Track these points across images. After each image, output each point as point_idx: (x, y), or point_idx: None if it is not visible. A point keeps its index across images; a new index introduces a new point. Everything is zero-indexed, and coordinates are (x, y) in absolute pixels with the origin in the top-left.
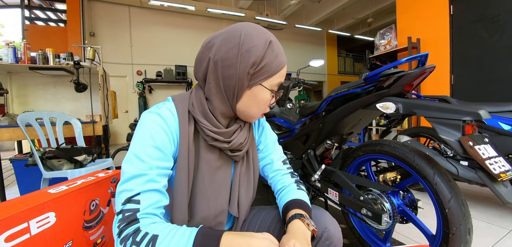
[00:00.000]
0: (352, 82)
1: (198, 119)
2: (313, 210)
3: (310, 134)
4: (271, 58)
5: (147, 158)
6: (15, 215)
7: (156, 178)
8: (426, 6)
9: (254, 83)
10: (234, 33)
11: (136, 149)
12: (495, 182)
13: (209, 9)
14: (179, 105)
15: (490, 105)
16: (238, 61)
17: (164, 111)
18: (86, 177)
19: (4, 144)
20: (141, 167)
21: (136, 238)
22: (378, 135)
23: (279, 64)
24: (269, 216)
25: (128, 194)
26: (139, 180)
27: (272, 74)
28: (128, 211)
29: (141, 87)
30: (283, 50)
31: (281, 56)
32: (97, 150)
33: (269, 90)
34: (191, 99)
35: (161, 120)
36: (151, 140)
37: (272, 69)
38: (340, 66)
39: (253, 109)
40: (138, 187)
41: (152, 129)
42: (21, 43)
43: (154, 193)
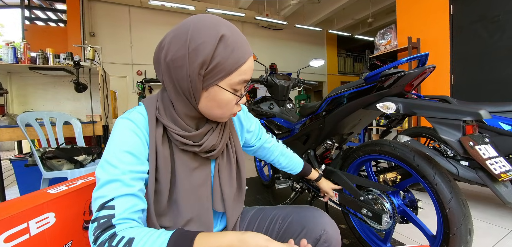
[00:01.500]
0: (352, 82)
1: (165, 124)
2: (310, 210)
3: (310, 134)
4: (225, 55)
5: (119, 163)
6: (15, 215)
7: (130, 182)
8: (426, 6)
9: (210, 85)
10: (182, 29)
11: (108, 155)
12: (495, 182)
13: (209, 9)
14: (148, 108)
15: (490, 105)
16: (187, 62)
17: (135, 115)
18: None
19: (4, 144)
20: (113, 173)
21: (112, 242)
22: (378, 135)
23: (237, 60)
24: (267, 215)
25: (102, 200)
26: (112, 186)
27: (228, 73)
28: (103, 217)
29: (141, 87)
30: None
31: (239, 50)
32: (97, 150)
33: (228, 90)
34: (157, 104)
35: (131, 124)
36: (122, 145)
37: (228, 67)
38: (340, 66)
39: (215, 111)
40: (112, 193)
41: (122, 134)
42: (21, 43)
43: (129, 197)
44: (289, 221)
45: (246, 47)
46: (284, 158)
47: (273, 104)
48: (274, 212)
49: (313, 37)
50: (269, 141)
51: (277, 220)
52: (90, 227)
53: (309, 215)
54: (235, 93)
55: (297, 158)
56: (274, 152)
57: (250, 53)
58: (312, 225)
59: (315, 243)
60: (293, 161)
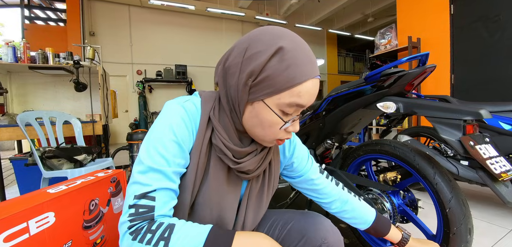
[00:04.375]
0: (352, 82)
1: (215, 125)
2: (311, 217)
3: (310, 134)
4: (278, 70)
5: (166, 152)
6: (15, 215)
7: (173, 177)
8: (426, 6)
9: (255, 98)
10: (247, 37)
11: (156, 142)
12: (496, 181)
13: (209, 9)
14: (204, 104)
15: (490, 104)
16: (239, 69)
17: (189, 105)
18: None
19: (4, 143)
20: (159, 162)
21: (152, 227)
22: (378, 134)
23: (292, 79)
24: (268, 219)
25: (144, 188)
26: (157, 176)
27: (278, 90)
28: (142, 206)
29: (141, 86)
30: None
31: (296, 68)
32: (97, 150)
33: (273, 110)
34: (214, 103)
35: (184, 113)
36: (172, 134)
37: (279, 83)
38: (340, 65)
39: (257, 130)
40: (155, 183)
41: (174, 121)
42: (20, 42)
43: (169, 192)
44: (289, 228)
45: (308, 67)
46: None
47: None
48: (274, 217)
49: (313, 37)
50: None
51: (276, 225)
52: (125, 212)
53: (309, 223)
54: (283, 116)
55: (365, 207)
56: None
57: (313, 75)
58: (312, 234)
59: None
60: (355, 209)
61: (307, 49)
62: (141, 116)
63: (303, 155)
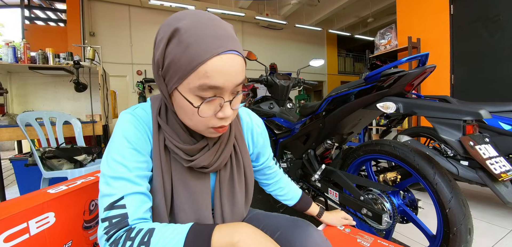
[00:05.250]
0: (352, 82)
1: (163, 127)
2: (300, 227)
3: (310, 134)
4: (177, 53)
5: (124, 160)
6: (15, 215)
7: (138, 180)
8: (426, 6)
9: (171, 89)
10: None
11: (113, 151)
12: (495, 182)
13: (209, 9)
14: (153, 106)
15: (490, 105)
16: (153, 61)
17: (139, 111)
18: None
19: (4, 144)
20: (120, 170)
21: (131, 234)
22: (378, 135)
23: (192, 59)
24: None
25: (110, 199)
26: (120, 184)
27: (184, 75)
28: (115, 217)
29: (141, 87)
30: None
31: (196, 47)
32: (97, 150)
33: (186, 98)
34: (161, 103)
35: (134, 120)
36: (126, 142)
37: (181, 67)
38: (340, 66)
39: (186, 121)
40: (120, 191)
41: (125, 129)
42: (21, 42)
43: (138, 196)
44: (278, 236)
45: (211, 43)
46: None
47: (273, 104)
48: (266, 222)
49: (313, 37)
50: (272, 166)
51: (266, 231)
52: (100, 227)
53: (297, 233)
54: (201, 100)
55: (295, 188)
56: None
57: (218, 50)
58: (300, 243)
59: None
60: (290, 191)
61: (213, 24)
62: None
63: (267, 144)
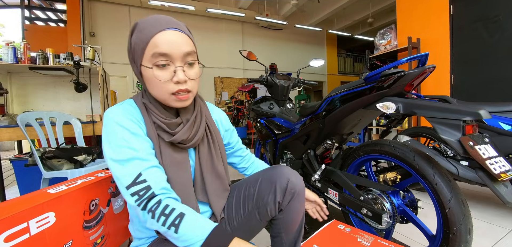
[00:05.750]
0: (352, 82)
1: (148, 106)
2: (275, 168)
3: (310, 134)
4: (138, 38)
5: (129, 144)
6: (15, 215)
7: (147, 156)
8: (426, 6)
9: (139, 64)
10: None
11: (116, 140)
12: (495, 182)
13: (209, 9)
14: (136, 98)
15: (490, 105)
16: (128, 53)
17: (125, 106)
18: (86, 177)
19: (4, 144)
20: (129, 153)
21: (165, 211)
22: (378, 135)
23: (147, 36)
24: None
25: (130, 178)
26: (133, 163)
27: (142, 50)
28: (140, 190)
29: (141, 87)
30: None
31: (149, 28)
32: (97, 150)
33: (147, 66)
34: (142, 91)
35: (125, 111)
36: (124, 129)
37: (140, 45)
38: (340, 66)
39: (155, 92)
40: (136, 169)
41: (120, 120)
42: (21, 43)
43: (153, 169)
44: (260, 181)
45: (158, 24)
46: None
47: (273, 104)
48: (246, 181)
49: (313, 37)
50: (244, 150)
51: (249, 186)
52: (131, 201)
53: (274, 172)
54: (159, 69)
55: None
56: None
57: (163, 27)
58: (279, 178)
59: (284, 192)
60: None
61: (161, 16)
62: None
63: (233, 129)
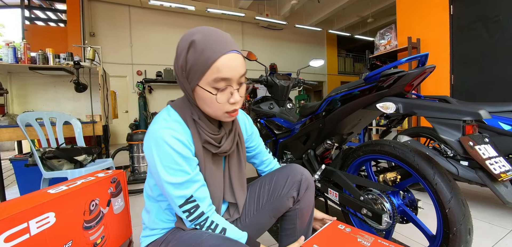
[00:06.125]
0: (352, 82)
1: (200, 124)
2: (289, 166)
3: (310, 134)
4: (195, 58)
5: (182, 167)
6: (15, 215)
7: (197, 177)
8: (426, 6)
9: (194, 85)
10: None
11: (169, 163)
12: (495, 182)
13: (209, 9)
14: (182, 112)
15: (490, 105)
16: (177, 69)
17: (174, 124)
18: (86, 177)
19: (4, 144)
20: (182, 176)
21: (211, 226)
22: (378, 135)
23: (208, 59)
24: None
25: (183, 199)
26: (186, 186)
27: (202, 73)
28: (191, 208)
29: (141, 87)
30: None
31: (209, 50)
32: (97, 150)
33: (206, 89)
34: (185, 106)
35: (176, 132)
36: (176, 153)
37: (199, 67)
38: (340, 66)
39: (206, 109)
40: (189, 191)
41: (172, 144)
42: (21, 43)
43: (202, 188)
44: (275, 178)
45: (219, 46)
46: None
47: (273, 104)
48: (261, 180)
49: (313, 37)
50: (266, 154)
51: (265, 183)
52: (179, 212)
53: (289, 169)
54: (217, 92)
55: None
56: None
57: (224, 51)
58: (293, 173)
59: (299, 184)
60: None
61: (219, 34)
62: (141, 117)
63: (257, 133)
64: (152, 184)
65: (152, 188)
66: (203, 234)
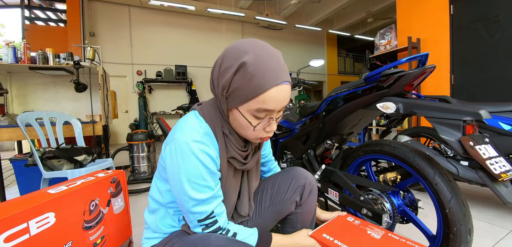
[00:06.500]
0: (352, 82)
1: (229, 138)
2: (293, 169)
3: (310, 134)
4: (243, 82)
5: (208, 182)
6: (15, 215)
7: (218, 192)
8: (426, 6)
9: (232, 107)
10: (223, 51)
11: (196, 178)
12: (495, 182)
13: (209, 9)
14: (212, 123)
15: (490, 105)
16: (217, 82)
17: (206, 138)
18: (86, 177)
19: (4, 144)
20: (207, 192)
21: (223, 232)
22: (378, 135)
23: (255, 89)
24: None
25: (204, 215)
26: (209, 201)
27: (245, 100)
28: (209, 223)
29: (141, 87)
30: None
31: (259, 79)
32: (97, 150)
33: (245, 116)
34: (219, 115)
35: (207, 147)
36: (205, 168)
37: (244, 94)
38: (340, 66)
39: (239, 131)
40: (210, 207)
41: (202, 158)
42: (21, 43)
43: (221, 204)
44: (279, 180)
45: (270, 77)
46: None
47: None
48: (264, 182)
49: (313, 37)
50: (273, 162)
51: (268, 187)
52: (195, 226)
53: (293, 172)
54: (255, 120)
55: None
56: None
57: (275, 83)
58: (297, 176)
59: (302, 188)
60: None
61: (272, 58)
62: (141, 117)
63: (269, 142)
64: (163, 190)
65: (163, 194)
66: (211, 236)
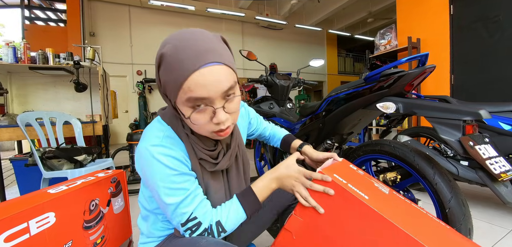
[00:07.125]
0: (352, 82)
1: (193, 139)
2: None
3: (310, 134)
4: (166, 76)
5: (178, 185)
6: (15, 215)
7: (196, 191)
8: (426, 6)
9: (173, 103)
10: None
11: (167, 184)
12: (495, 182)
13: (209, 9)
14: (175, 126)
15: (490, 105)
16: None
17: (167, 140)
18: (86, 177)
19: (4, 144)
20: (181, 194)
21: (208, 231)
22: (378, 135)
23: (176, 79)
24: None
25: (184, 217)
26: (186, 203)
27: (175, 93)
28: (193, 226)
29: (141, 87)
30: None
31: (177, 69)
32: (97, 150)
33: (182, 111)
34: (179, 118)
35: (169, 150)
36: (171, 171)
37: (171, 87)
38: (340, 66)
39: (192, 127)
40: (189, 209)
41: (167, 162)
42: (21, 43)
43: (201, 203)
44: None
45: (189, 62)
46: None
47: (273, 104)
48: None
49: (313, 37)
50: (265, 127)
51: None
52: (180, 229)
53: None
54: (195, 111)
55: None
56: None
57: (195, 67)
58: None
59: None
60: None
61: (193, 43)
62: (141, 117)
63: (256, 117)
64: (147, 196)
65: (148, 201)
66: (200, 240)
